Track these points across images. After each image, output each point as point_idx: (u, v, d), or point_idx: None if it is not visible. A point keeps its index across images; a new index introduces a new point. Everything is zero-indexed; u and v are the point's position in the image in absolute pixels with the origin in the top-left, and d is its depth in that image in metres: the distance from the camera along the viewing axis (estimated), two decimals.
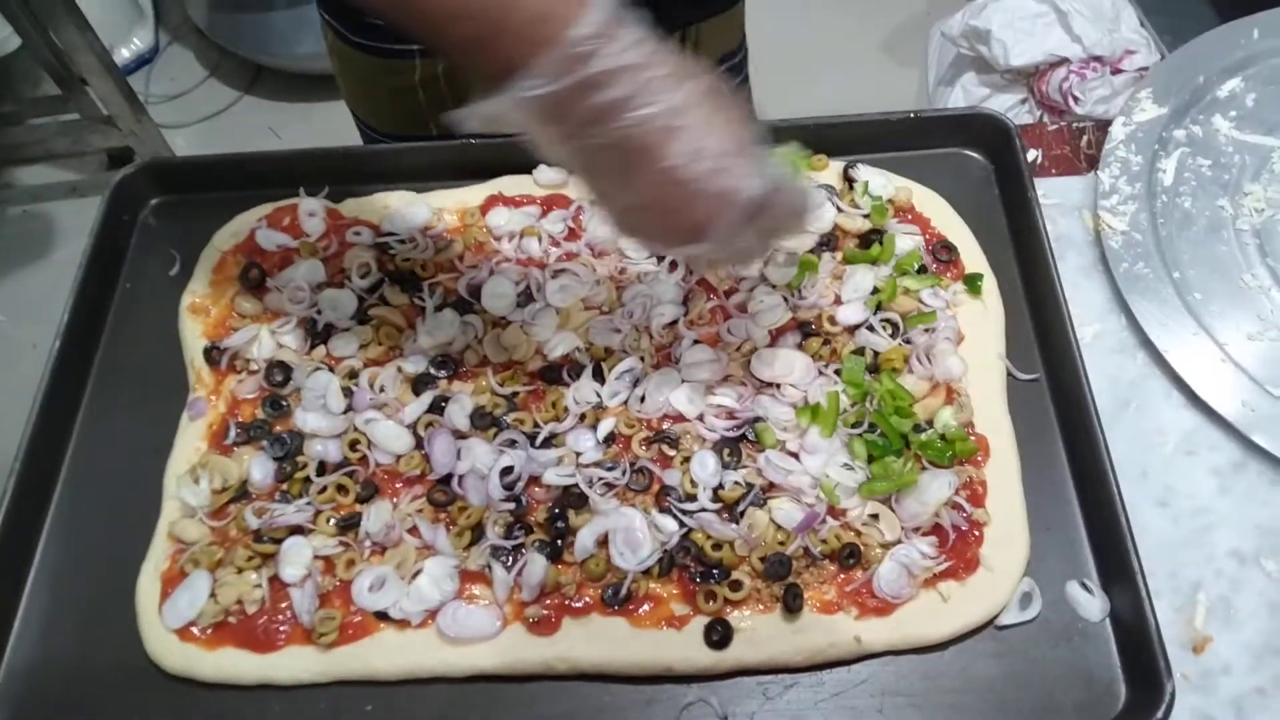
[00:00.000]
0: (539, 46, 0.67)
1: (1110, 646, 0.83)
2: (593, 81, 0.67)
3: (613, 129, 0.69)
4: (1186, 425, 0.94)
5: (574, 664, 0.84)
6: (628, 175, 0.72)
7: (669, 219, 0.74)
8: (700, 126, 0.70)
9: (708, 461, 0.91)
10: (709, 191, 0.71)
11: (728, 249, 0.76)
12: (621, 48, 0.67)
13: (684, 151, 0.70)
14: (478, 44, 0.69)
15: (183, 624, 0.87)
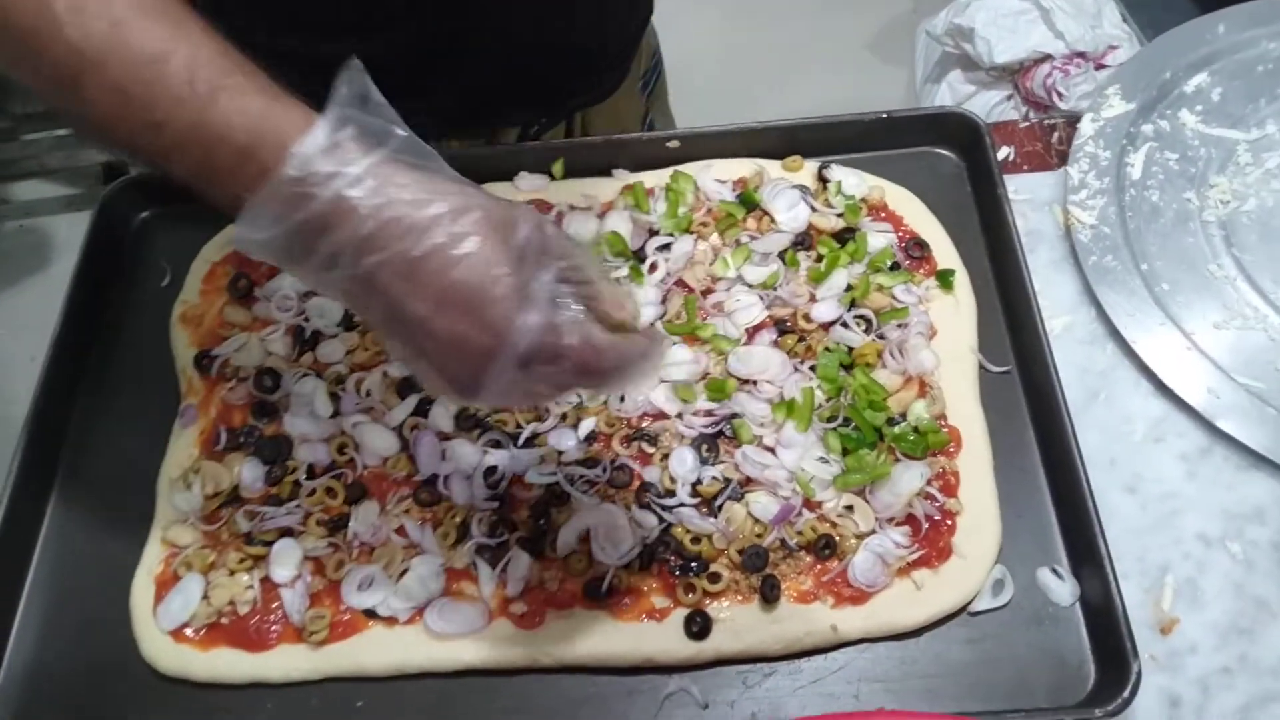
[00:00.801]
0: (254, 185, 0.59)
1: (1080, 630, 0.85)
2: (314, 224, 0.59)
3: (348, 275, 0.60)
4: (1154, 413, 0.96)
5: (558, 657, 0.86)
6: (378, 321, 0.64)
7: (431, 374, 0.64)
8: (446, 271, 0.59)
9: (686, 458, 0.93)
10: (460, 342, 0.61)
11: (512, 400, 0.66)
12: (344, 184, 0.58)
13: (427, 299, 0.60)
14: (198, 181, 0.62)
15: (176, 625, 0.89)
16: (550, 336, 0.61)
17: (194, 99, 0.60)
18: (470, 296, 0.59)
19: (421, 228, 0.59)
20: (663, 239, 1.06)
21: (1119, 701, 0.78)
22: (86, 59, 0.60)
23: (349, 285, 0.62)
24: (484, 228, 0.60)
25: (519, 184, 1.13)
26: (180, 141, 0.61)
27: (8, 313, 2.70)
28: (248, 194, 0.59)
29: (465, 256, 0.59)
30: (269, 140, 0.59)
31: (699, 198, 1.09)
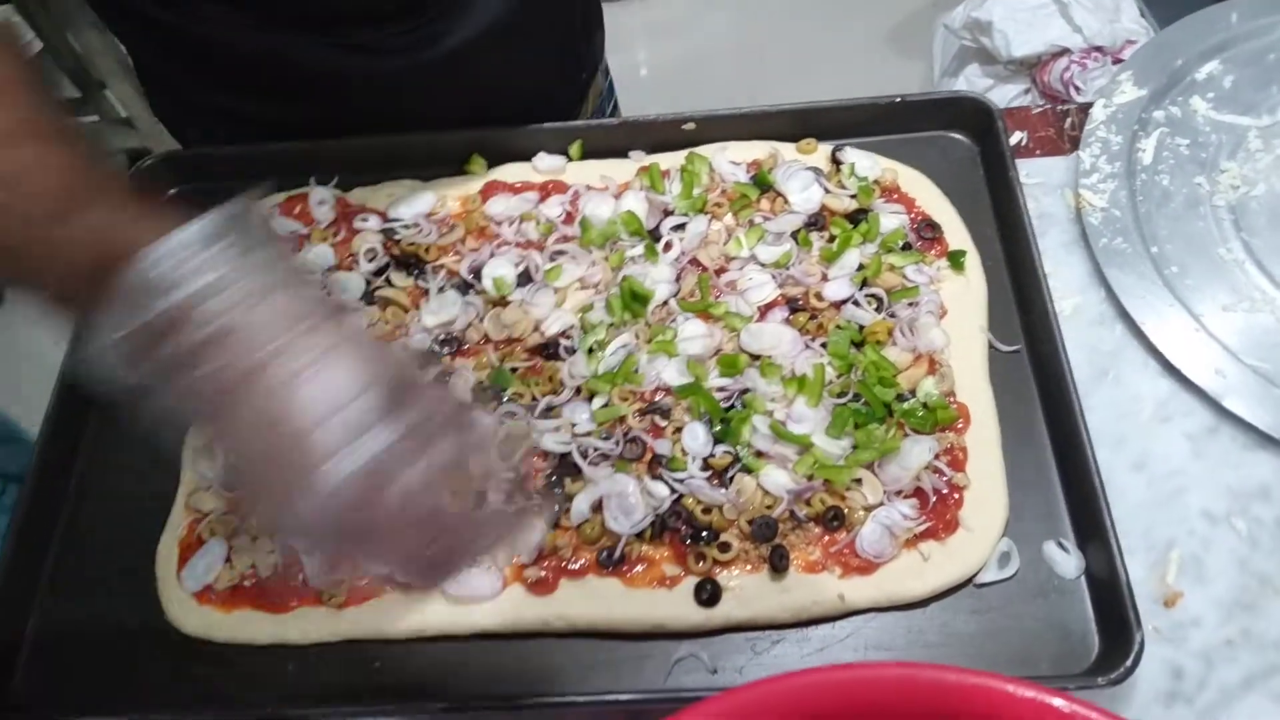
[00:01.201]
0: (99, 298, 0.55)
1: (1085, 602, 0.87)
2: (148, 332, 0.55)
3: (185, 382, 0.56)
4: (1162, 393, 0.97)
5: (571, 622, 0.88)
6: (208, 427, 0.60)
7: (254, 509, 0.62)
8: (275, 390, 0.56)
9: (698, 432, 0.95)
10: (269, 474, 0.57)
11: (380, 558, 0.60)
12: (196, 288, 0.55)
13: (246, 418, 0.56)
14: (63, 310, 0.60)
15: (200, 587, 0.91)
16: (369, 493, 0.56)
17: (39, 221, 0.58)
18: (288, 422, 0.56)
19: (256, 342, 0.56)
20: (677, 219, 1.08)
21: (1121, 670, 0.79)
22: None
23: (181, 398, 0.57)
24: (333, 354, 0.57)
25: (537, 164, 1.15)
26: (33, 267, 0.59)
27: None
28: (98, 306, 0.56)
29: (295, 379, 0.56)
30: (121, 249, 0.56)
31: (714, 179, 1.11)
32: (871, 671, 0.63)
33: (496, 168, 1.16)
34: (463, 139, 1.17)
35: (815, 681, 0.63)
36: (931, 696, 0.61)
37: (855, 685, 0.62)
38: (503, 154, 1.17)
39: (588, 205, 1.10)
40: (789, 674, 0.62)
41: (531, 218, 1.10)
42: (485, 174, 1.16)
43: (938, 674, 0.62)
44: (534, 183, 1.14)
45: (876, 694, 0.62)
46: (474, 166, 1.16)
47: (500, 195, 1.13)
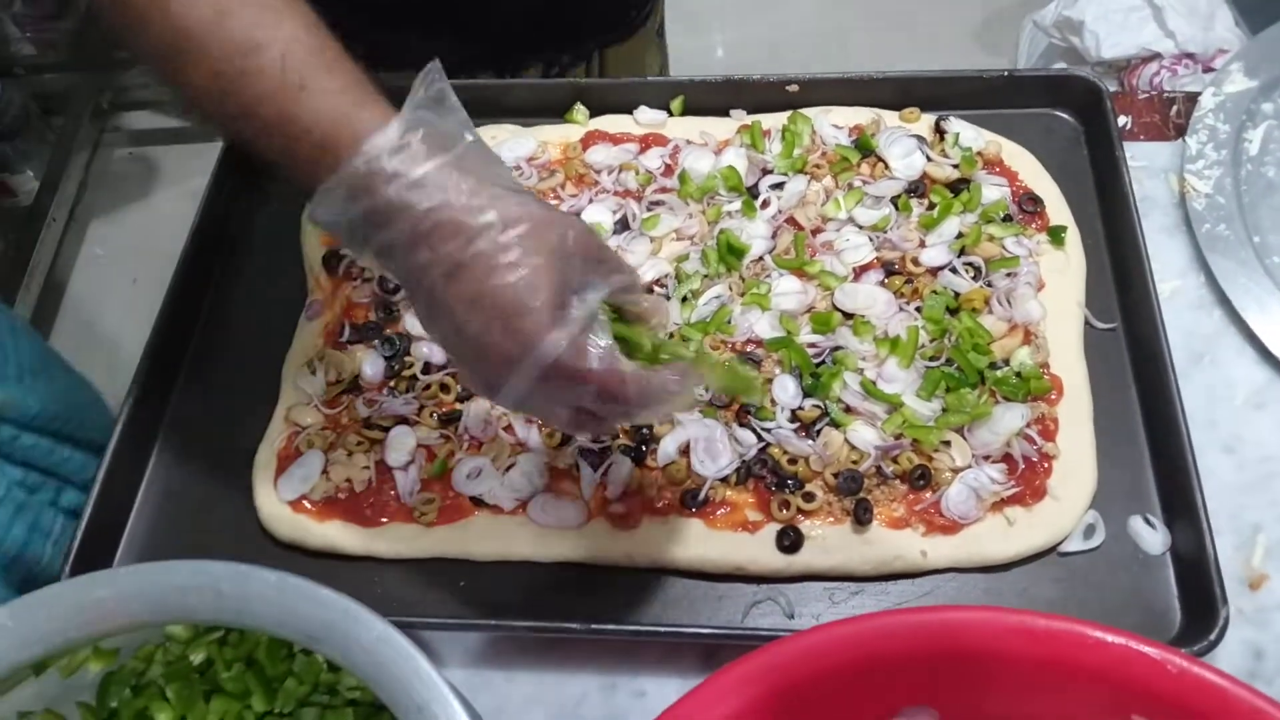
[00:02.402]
0: (323, 173, 0.64)
1: (1169, 578, 0.87)
2: (377, 217, 0.63)
3: (400, 266, 0.66)
4: (1258, 380, 0.97)
5: (652, 558, 0.90)
6: (420, 312, 0.68)
7: (463, 366, 0.69)
8: (486, 278, 0.63)
9: (788, 385, 0.95)
10: (487, 346, 0.64)
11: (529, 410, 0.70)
12: (405, 183, 0.62)
13: (463, 300, 0.63)
14: (281, 164, 0.67)
15: (296, 497, 0.94)
16: (575, 358, 0.64)
17: (283, 91, 0.64)
18: (505, 305, 0.63)
19: (470, 233, 0.63)
20: (776, 178, 1.09)
21: (1205, 644, 0.79)
22: (190, 42, 0.65)
23: (399, 275, 0.67)
24: (531, 240, 0.64)
25: (638, 117, 1.16)
26: (267, 129, 0.65)
27: (111, 236, 2.81)
28: (317, 181, 0.64)
29: (507, 266, 0.63)
30: (344, 136, 0.63)
31: (815, 140, 1.11)
32: (957, 614, 0.63)
33: (598, 118, 1.18)
34: (566, 88, 1.19)
35: (901, 622, 0.63)
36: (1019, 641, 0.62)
37: (940, 627, 0.62)
38: (604, 105, 1.18)
39: (687, 159, 1.11)
40: (873, 614, 0.63)
41: (631, 168, 1.12)
42: (586, 124, 1.17)
43: (1025, 619, 0.62)
44: (634, 134, 1.16)
45: (960, 638, 0.62)
46: (575, 116, 1.18)
47: (601, 144, 1.14)
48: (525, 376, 0.64)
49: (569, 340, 0.63)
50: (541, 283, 0.63)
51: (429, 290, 0.65)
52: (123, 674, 0.64)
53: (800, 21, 3.11)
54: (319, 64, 0.65)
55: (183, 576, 0.58)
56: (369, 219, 0.64)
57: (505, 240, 0.63)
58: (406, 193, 0.62)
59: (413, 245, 0.64)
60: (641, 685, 0.87)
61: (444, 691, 0.56)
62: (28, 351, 1.07)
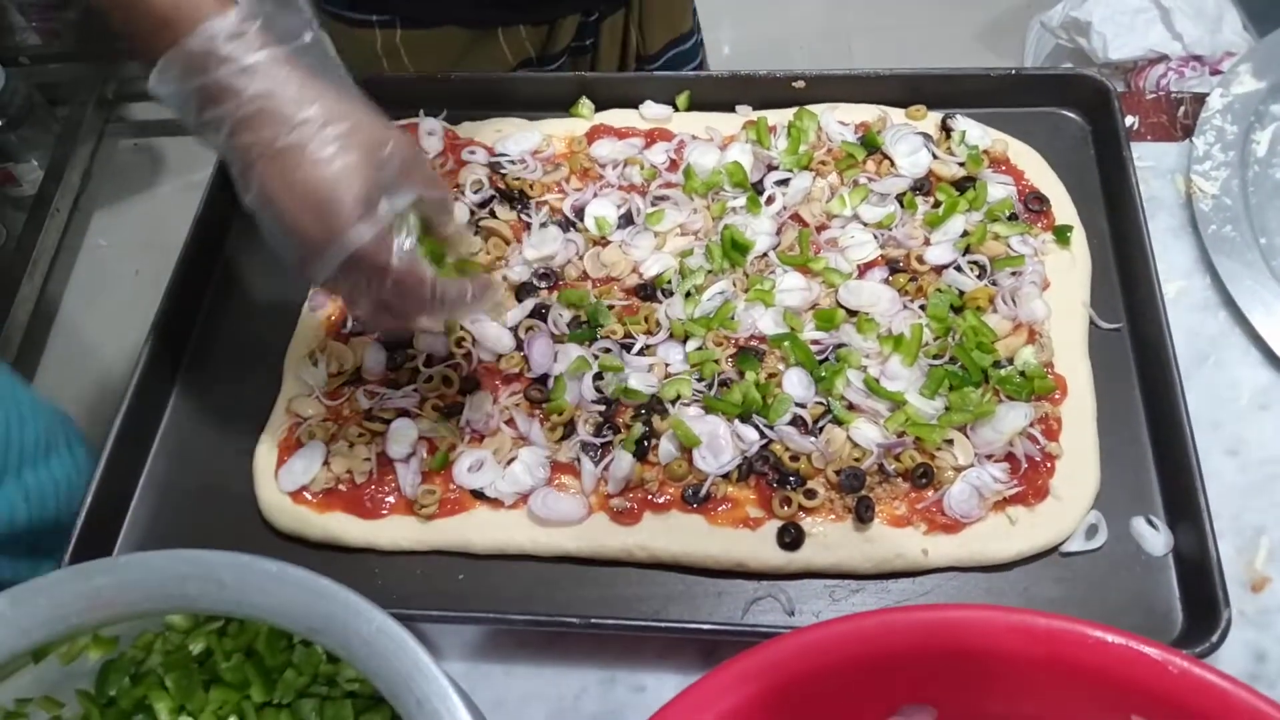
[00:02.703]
0: (162, 49, 0.68)
1: (1171, 579, 0.86)
2: (208, 93, 0.68)
3: (222, 142, 0.71)
4: (1262, 382, 0.96)
5: (652, 553, 0.89)
6: (240, 187, 0.73)
7: (275, 243, 0.74)
8: (304, 165, 0.69)
9: (794, 379, 0.95)
10: (298, 230, 0.71)
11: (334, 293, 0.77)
12: (235, 69, 0.68)
13: (280, 183, 0.69)
14: (128, 34, 0.70)
15: (296, 488, 0.94)
16: (377, 251, 0.71)
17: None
18: (316, 194, 0.69)
19: (290, 123, 0.69)
20: (781, 174, 1.09)
21: (1206, 645, 0.79)
22: None
23: (226, 152, 0.72)
24: (352, 138, 0.70)
25: (644, 112, 1.16)
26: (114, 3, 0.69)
27: (114, 227, 2.81)
28: (157, 54, 0.68)
29: (323, 159, 0.69)
30: (184, 15, 0.67)
31: (820, 137, 1.11)
32: (958, 613, 0.63)
33: (603, 112, 1.17)
34: (570, 82, 1.19)
35: (902, 620, 0.63)
36: (1020, 641, 0.61)
37: (941, 626, 0.62)
38: (609, 100, 1.18)
39: (693, 154, 1.11)
40: (872, 611, 0.62)
41: (636, 162, 1.11)
42: (591, 118, 1.17)
43: (1026, 618, 0.62)
44: (640, 129, 1.15)
45: (961, 637, 0.62)
46: (581, 110, 1.17)
47: (606, 139, 1.14)
48: (330, 262, 0.70)
49: (373, 234, 0.70)
50: (354, 179, 0.69)
51: (247, 168, 0.70)
52: (122, 662, 0.64)
53: (807, 19, 3.10)
54: None
55: (183, 565, 0.58)
56: (200, 96, 0.68)
57: (324, 135, 0.69)
58: (235, 77, 0.67)
59: (236, 127, 0.69)
60: (641, 680, 0.87)
61: (444, 684, 0.56)
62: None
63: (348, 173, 0.69)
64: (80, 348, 2.56)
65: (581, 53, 1.38)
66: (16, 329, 2.41)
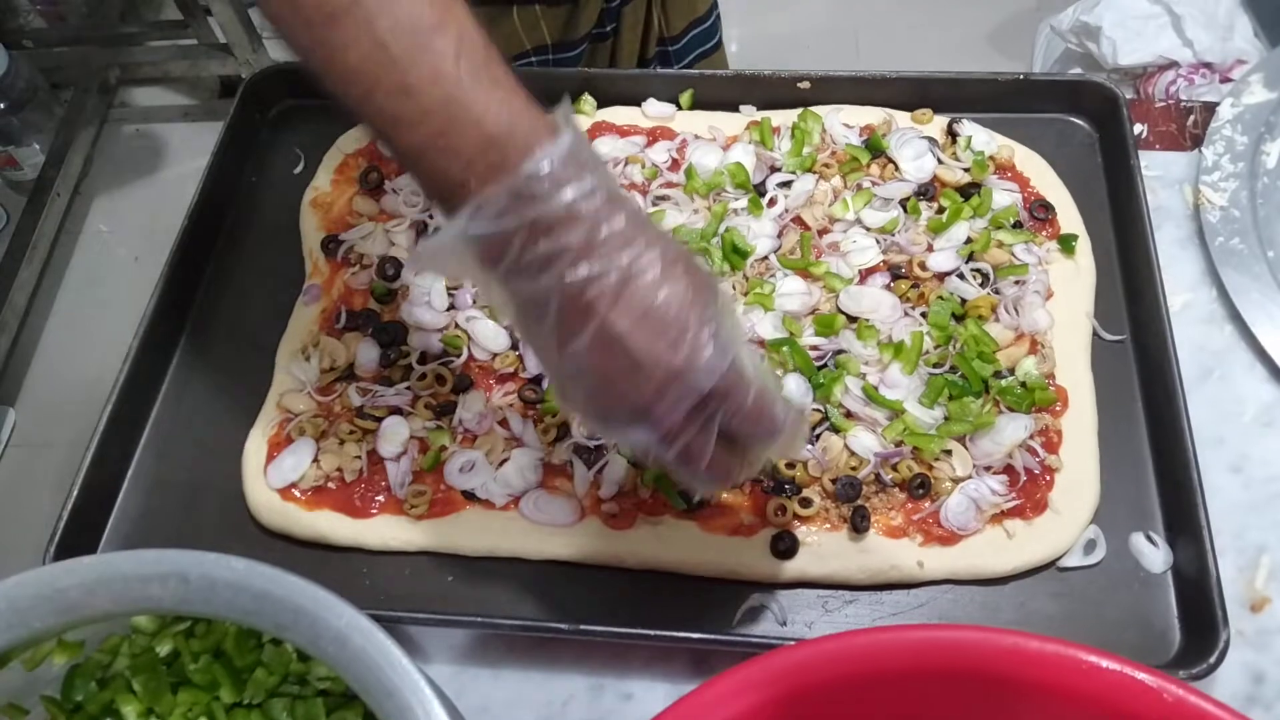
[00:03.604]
0: (489, 174, 0.59)
1: (1169, 596, 0.85)
2: (541, 225, 0.59)
3: (556, 281, 0.60)
4: (1267, 398, 0.95)
5: (644, 559, 0.88)
6: (567, 333, 0.62)
7: (607, 390, 0.63)
8: (654, 291, 0.60)
9: (798, 384, 0.94)
10: (653, 362, 0.60)
11: (674, 444, 0.64)
12: (579, 193, 0.59)
13: (632, 315, 0.60)
14: (424, 158, 0.61)
15: (285, 484, 0.93)
16: (733, 375, 0.63)
17: (455, 76, 0.59)
18: (672, 320, 0.60)
19: (638, 250, 0.60)
20: (784, 176, 1.07)
21: (1204, 666, 0.78)
22: (360, 6, 0.59)
23: (539, 288, 0.61)
24: (687, 264, 0.62)
25: (646, 110, 1.15)
26: (426, 112, 0.59)
27: (115, 213, 2.80)
28: (479, 184, 0.59)
29: (673, 282, 0.61)
30: (519, 135, 0.59)
31: (824, 139, 1.10)
32: (949, 634, 0.62)
33: (605, 109, 1.16)
34: (573, 78, 1.17)
35: (893, 639, 0.62)
36: (1011, 664, 0.60)
37: (931, 646, 0.61)
38: (612, 97, 1.16)
39: (695, 153, 1.10)
40: (863, 630, 0.61)
41: (637, 161, 1.10)
42: (593, 115, 1.16)
43: (1018, 640, 0.60)
44: (642, 127, 1.14)
45: (952, 658, 0.61)
46: (583, 107, 1.16)
47: (607, 136, 1.13)
48: (689, 391, 0.61)
49: (728, 359, 0.62)
50: (699, 306, 0.61)
51: (587, 307, 0.60)
52: (88, 666, 0.62)
53: (815, 17, 3.08)
54: (490, 59, 0.61)
55: (147, 565, 0.56)
56: (536, 227, 0.59)
57: (669, 258, 0.61)
58: (582, 203, 0.58)
59: (579, 256, 0.59)
60: (629, 688, 0.86)
61: (415, 678, 0.55)
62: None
63: (695, 300, 0.61)
64: (78, 334, 2.56)
65: (601, 39, 1.36)
66: (14, 313, 2.40)
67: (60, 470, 1.59)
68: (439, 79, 0.59)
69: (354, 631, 0.57)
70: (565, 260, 0.59)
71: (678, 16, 1.39)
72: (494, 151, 0.58)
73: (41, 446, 2.35)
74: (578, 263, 0.59)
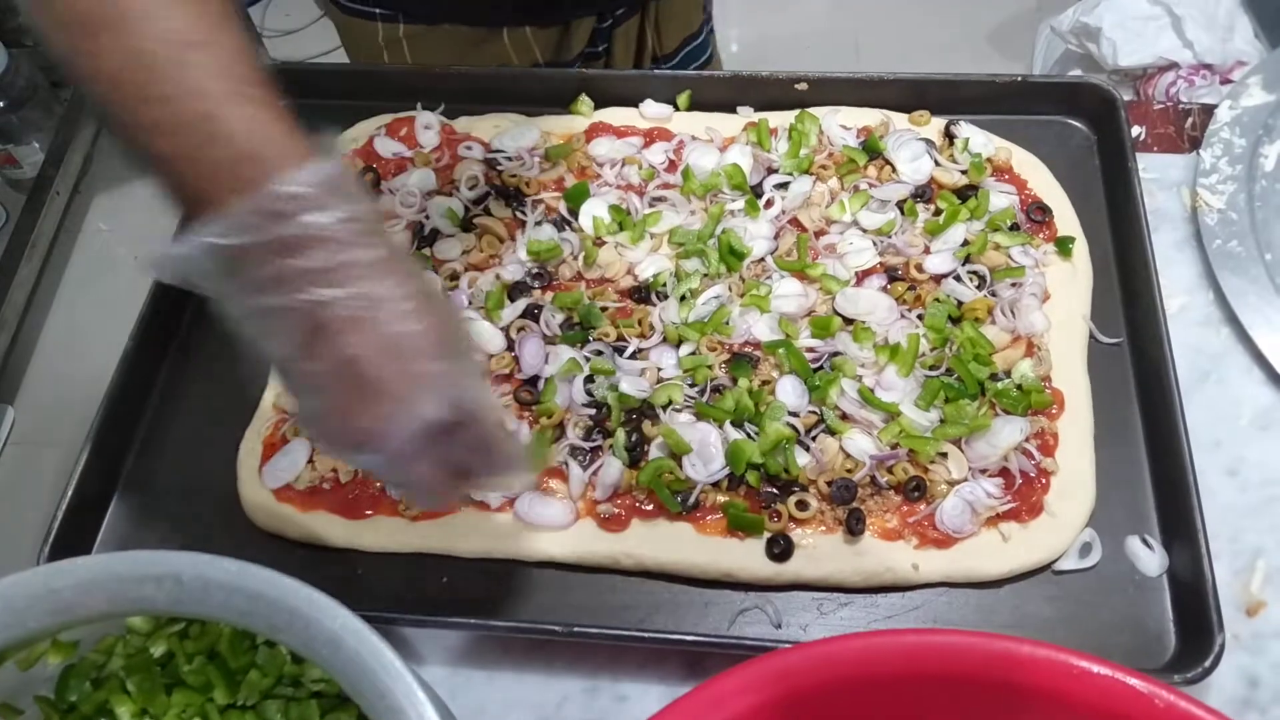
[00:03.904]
0: (237, 189, 0.58)
1: (1165, 600, 0.85)
2: (286, 244, 0.59)
3: (293, 300, 0.60)
4: (1264, 401, 0.95)
5: (639, 561, 0.88)
6: (304, 353, 0.62)
7: (340, 413, 0.63)
8: (397, 324, 0.61)
9: (794, 386, 0.93)
10: (384, 391, 0.61)
11: (402, 473, 0.66)
12: (330, 219, 0.59)
13: (367, 343, 0.60)
14: (174, 167, 0.60)
15: (280, 485, 0.93)
16: (469, 403, 0.64)
17: (214, 92, 0.60)
18: (407, 351, 0.61)
19: (382, 279, 0.61)
20: (781, 177, 1.07)
21: (1199, 670, 0.77)
22: (127, 16, 0.60)
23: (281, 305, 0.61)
24: (433, 302, 0.63)
25: (644, 111, 1.15)
26: (181, 123, 0.60)
27: (114, 212, 2.80)
28: (227, 197, 0.59)
29: (414, 316, 0.62)
30: (272, 154, 0.59)
31: (822, 141, 1.09)
32: (943, 638, 0.62)
33: (602, 110, 1.16)
34: (571, 78, 1.17)
35: (886, 644, 0.62)
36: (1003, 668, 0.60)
37: (925, 651, 0.61)
38: (609, 98, 1.16)
39: (692, 155, 1.10)
40: (858, 634, 0.61)
41: (634, 162, 1.10)
42: (591, 115, 1.16)
43: (1010, 645, 0.60)
44: (639, 128, 1.14)
45: (946, 662, 0.61)
46: (580, 107, 1.16)
47: (604, 137, 1.13)
48: (418, 417, 0.61)
49: (468, 388, 0.64)
50: (443, 340, 0.63)
51: (319, 328, 0.60)
52: (83, 667, 0.62)
53: (815, 18, 3.08)
54: (255, 79, 0.62)
55: (141, 566, 0.56)
56: (281, 245, 0.59)
57: (409, 290, 0.62)
58: (332, 226, 0.59)
59: (318, 279, 0.59)
60: (624, 690, 0.86)
61: (408, 680, 0.55)
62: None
63: (439, 333, 0.63)
64: (78, 332, 2.55)
65: (594, 58, 1.36)
66: (14, 311, 2.40)
67: (59, 469, 1.59)
68: (197, 93, 0.60)
69: (347, 634, 0.57)
70: (305, 280, 0.59)
71: (671, 33, 1.39)
72: (244, 167, 0.59)
73: (41, 445, 2.35)
74: (317, 285, 0.59)
